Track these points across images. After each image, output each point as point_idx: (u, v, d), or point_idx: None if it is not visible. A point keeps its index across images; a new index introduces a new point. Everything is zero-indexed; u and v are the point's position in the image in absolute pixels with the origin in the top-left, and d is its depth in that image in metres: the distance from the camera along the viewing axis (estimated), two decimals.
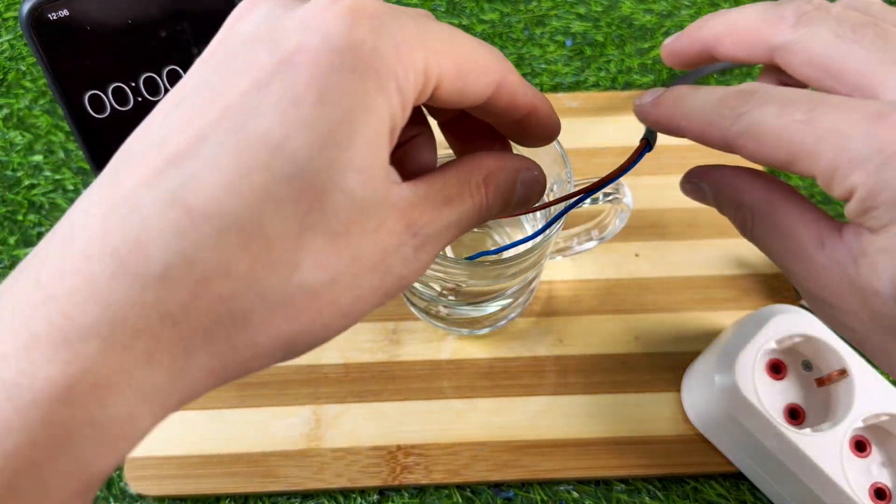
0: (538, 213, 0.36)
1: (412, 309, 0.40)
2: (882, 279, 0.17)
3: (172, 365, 0.15)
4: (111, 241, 0.15)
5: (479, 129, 0.22)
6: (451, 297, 0.36)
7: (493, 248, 0.38)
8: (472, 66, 0.18)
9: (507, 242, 0.38)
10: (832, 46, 0.19)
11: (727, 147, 0.19)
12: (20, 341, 0.14)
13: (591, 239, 0.38)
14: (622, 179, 0.35)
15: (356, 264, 0.16)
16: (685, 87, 0.21)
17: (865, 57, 0.18)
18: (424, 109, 0.22)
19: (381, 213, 0.17)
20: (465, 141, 0.23)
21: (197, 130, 0.15)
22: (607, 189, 0.34)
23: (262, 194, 0.15)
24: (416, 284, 0.36)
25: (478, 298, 0.36)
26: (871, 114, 0.17)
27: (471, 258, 0.31)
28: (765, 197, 0.20)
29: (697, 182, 0.22)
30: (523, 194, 0.21)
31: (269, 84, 0.15)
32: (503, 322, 0.39)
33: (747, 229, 0.21)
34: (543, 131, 0.21)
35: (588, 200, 0.35)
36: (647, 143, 0.22)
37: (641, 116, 0.22)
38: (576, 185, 0.33)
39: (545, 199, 0.36)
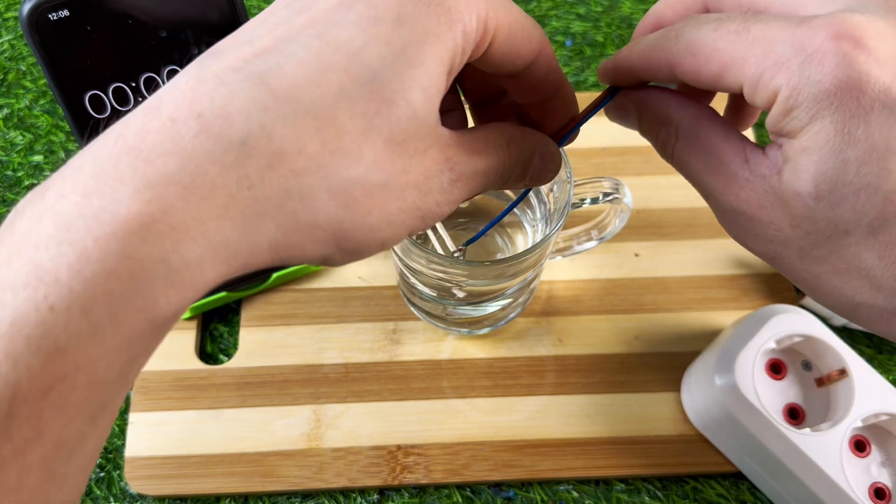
0: (538, 214, 0.36)
1: (412, 309, 0.40)
2: (802, 179, 0.18)
3: (243, 224, 0.16)
4: (197, 107, 0.16)
5: (506, 114, 0.24)
6: (451, 298, 0.36)
7: (497, 254, 0.38)
8: (520, 30, 0.20)
9: (510, 244, 0.38)
10: None
11: (670, 69, 0.20)
12: (102, 182, 0.15)
13: (590, 239, 0.38)
14: (622, 179, 0.35)
15: (405, 176, 0.18)
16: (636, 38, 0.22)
17: None
18: (460, 91, 0.24)
19: (430, 137, 0.18)
20: (489, 118, 0.25)
21: (283, 33, 0.17)
22: (607, 189, 0.34)
23: (337, 90, 0.17)
24: (418, 285, 0.36)
25: (478, 298, 0.36)
26: (795, 22, 0.18)
27: (469, 242, 0.31)
28: (693, 114, 0.21)
29: (624, 100, 0.23)
30: (541, 166, 0.23)
31: (352, 4, 0.17)
32: (503, 322, 0.39)
33: (669, 147, 0.22)
34: (565, 114, 0.23)
35: (588, 200, 0.35)
36: (613, 89, 0.23)
37: (603, 73, 0.23)
38: (575, 185, 0.33)
39: (546, 198, 0.36)
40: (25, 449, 0.15)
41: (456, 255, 0.34)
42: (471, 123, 0.26)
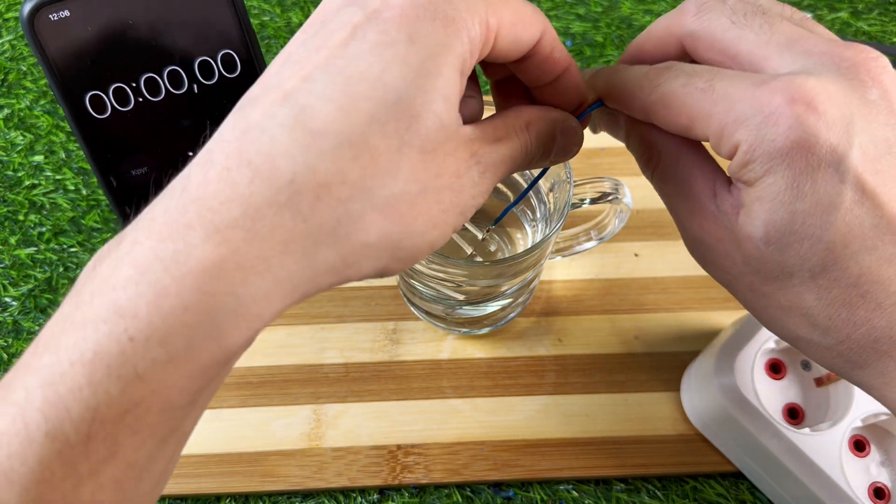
0: (538, 214, 0.36)
1: (412, 309, 0.40)
2: (755, 225, 0.20)
3: (303, 255, 0.18)
4: (246, 155, 0.18)
5: (524, 94, 0.25)
6: (452, 298, 0.36)
7: (500, 255, 0.39)
8: (520, 17, 0.21)
9: (509, 244, 0.38)
10: (729, 31, 0.22)
11: (645, 115, 0.23)
12: (174, 230, 0.17)
13: (590, 239, 0.38)
14: (622, 180, 0.35)
15: (439, 180, 0.20)
16: (620, 65, 0.24)
17: (755, 40, 0.21)
18: (479, 69, 0.25)
19: (456, 138, 0.20)
20: (511, 102, 0.26)
21: (307, 72, 0.18)
22: (607, 189, 0.34)
23: (367, 117, 0.18)
24: (419, 286, 0.36)
25: (478, 298, 0.36)
26: (756, 82, 0.20)
27: (495, 223, 0.31)
28: (676, 142, 0.23)
29: (615, 116, 0.25)
30: (563, 142, 0.24)
31: (364, 33, 0.19)
32: (504, 321, 0.39)
33: (650, 168, 0.24)
34: (574, 94, 0.24)
35: (588, 201, 0.35)
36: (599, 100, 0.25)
37: (591, 87, 0.25)
38: (575, 185, 0.33)
39: (546, 198, 0.36)
40: (100, 468, 0.16)
41: (482, 238, 0.36)
42: (488, 111, 0.26)
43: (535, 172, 0.32)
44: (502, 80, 0.26)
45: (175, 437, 0.18)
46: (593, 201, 0.35)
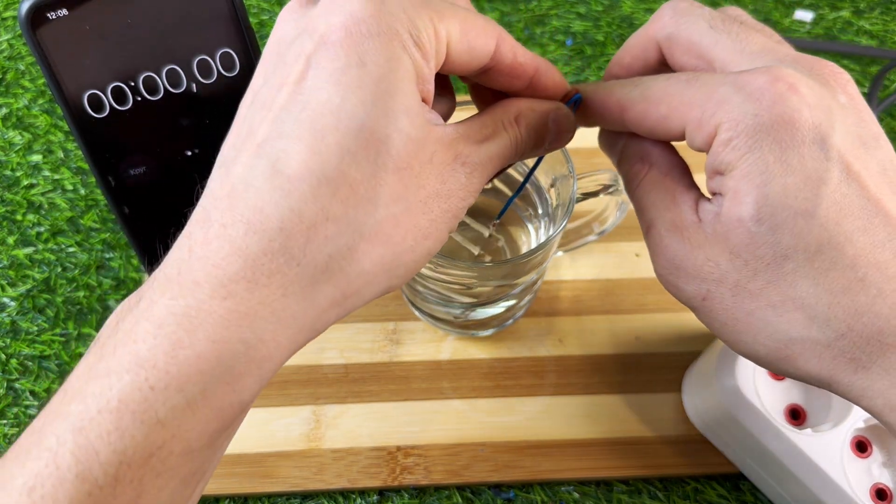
0: (540, 211, 0.36)
1: (416, 312, 0.40)
2: (744, 203, 0.20)
3: (303, 296, 0.19)
4: (238, 210, 0.19)
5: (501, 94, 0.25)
6: (458, 301, 0.36)
7: (502, 255, 0.38)
8: (472, 27, 0.21)
9: (512, 244, 0.38)
10: (706, 35, 0.22)
11: (621, 109, 0.23)
12: (185, 287, 0.18)
13: (591, 232, 0.38)
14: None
15: (423, 191, 0.20)
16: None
17: (731, 46, 0.22)
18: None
19: (430, 146, 0.20)
20: (490, 103, 0.25)
21: (274, 115, 0.19)
22: (606, 182, 0.34)
23: (337, 150, 0.19)
24: (425, 290, 0.36)
25: (485, 300, 0.36)
26: (736, 72, 0.21)
27: (500, 215, 0.31)
28: (670, 159, 0.24)
29: (616, 134, 0.25)
30: (556, 131, 0.24)
31: (318, 62, 0.19)
32: (509, 321, 0.39)
33: (639, 178, 0.24)
34: (554, 90, 0.24)
35: (589, 194, 0.35)
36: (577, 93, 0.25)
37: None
38: (578, 178, 0.33)
39: (547, 195, 0.36)
40: None
41: (489, 234, 0.36)
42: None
43: (531, 163, 0.31)
44: (476, 86, 0.25)
45: (195, 479, 0.19)
46: (594, 195, 0.35)
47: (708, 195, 0.22)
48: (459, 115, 0.25)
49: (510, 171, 0.35)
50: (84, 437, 0.17)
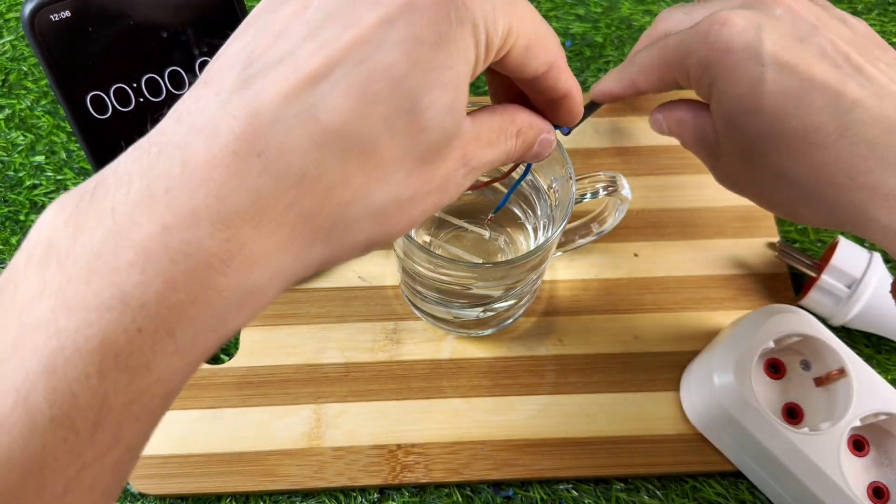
0: (539, 212, 0.36)
1: (416, 312, 0.40)
2: (717, 121, 0.28)
3: (299, 253, 0.18)
4: (259, 144, 0.17)
5: (512, 88, 0.25)
6: (458, 301, 0.36)
7: (501, 257, 0.39)
8: (538, 41, 0.21)
9: (511, 245, 0.38)
10: (686, 15, 0.31)
11: (634, 85, 0.30)
12: (180, 217, 0.16)
13: (590, 232, 0.38)
14: (617, 166, 0.36)
15: (429, 184, 0.20)
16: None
17: (701, 12, 0.29)
18: None
19: (453, 145, 0.20)
20: (502, 90, 0.26)
21: (329, 56, 0.17)
22: (605, 182, 0.35)
23: (381, 123, 0.18)
24: (425, 290, 0.36)
25: (484, 301, 0.36)
26: (690, 27, 0.27)
27: (495, 211, 0.33)
28: (691, 112, 0.30)
29: (657, 114, 0.32)
30: (537, 152, 0.25)
31: (395, 21, 0.18)
32: (509, 321, 0.39)
33: (680, 132, 0.31)
34: (567, 116, 0.25)
35: (588, 195, 0.35)
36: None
37: (599, 93, 0.32)
38: (576, 180, 0.33)
39: (546, 195, 0.36)
40: (104, 454, 0.16)
41: (489, 236, 0.37)
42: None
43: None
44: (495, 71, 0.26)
45: (161, 420, 0.18)
46: (593, 195, 0.35)
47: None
48: None
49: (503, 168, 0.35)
50: (59, 379, 0.15)
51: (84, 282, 0.16)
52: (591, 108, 0.32)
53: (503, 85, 0.25)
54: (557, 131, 0.26)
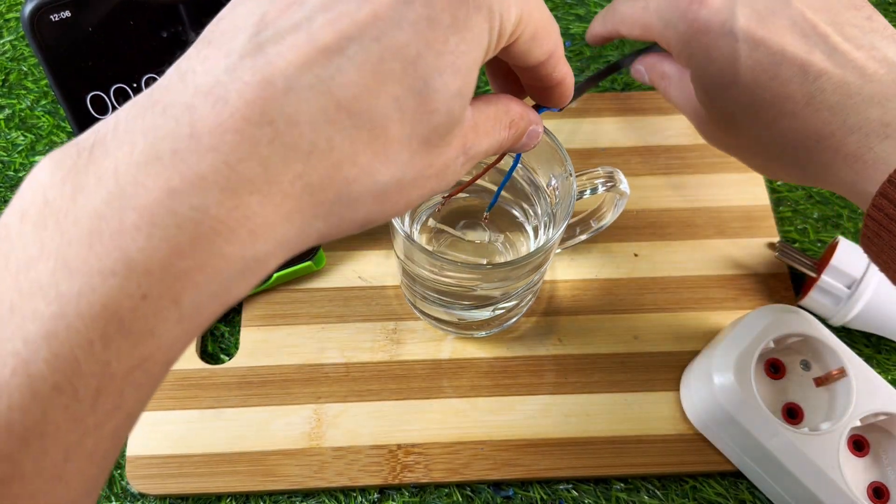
0: (539, 211, 0.36)
1: (418, 314, 0.40)
2: (697, 93, 0.31)
3: (302, 226, 0.18)
4: (270, 112, 0.16)
5: (510, 73, 0.26)
6: (461, 303, 0.36)
7: (500, 258, 0.39)
8: (543, 31, 0.21)
9: (511, 246, 0.38)
10: None
11: (616, 31, 0.35)
12: (188, 181, 0.16)
13: (589, 228, 0.38)
14: (617, 166, 0.36)
15: (430, 168, 0.20)
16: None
17: None
18: None
19: (456, 132, 0.20)
20: (501, 74, 0.26)
21: (344, 29, 0.17)
22: (603, 178, 0.35)
23: (392, 102, 0.18)
24: (426, 291, 0.36)
25: (486, 302, 0.36)
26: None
27: (489, 208, 0.34)
28: (675, 68, 0.34)
29: (638, 65, 0.36)
30: (525, 143, 0.25)
31: (412, 1, 0.17)
32: (511, 321, 0.39)
33: (665, 87, 0.35)
34: (559, 100, 0.25)
35: (587, 192, 0.35)
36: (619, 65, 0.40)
37: (590, 36, 0.38)
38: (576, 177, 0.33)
39: (546, 194, 0.36)
40: (105, 421, 0.16)
41: (489, 240, 0.37)
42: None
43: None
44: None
45: (160, 385, 0.18)
46: (592, 192, 0.35)
47: None
48: None
49: (502, 166, 0.35)
50: (61, 344, 0.15)
51: (86, 245, 0.15)
52: (578, 91, 0.35)
53: (501, 70, 0.26)
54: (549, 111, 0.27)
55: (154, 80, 0.33)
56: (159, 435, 0.37)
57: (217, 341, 0.40)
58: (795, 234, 0.44)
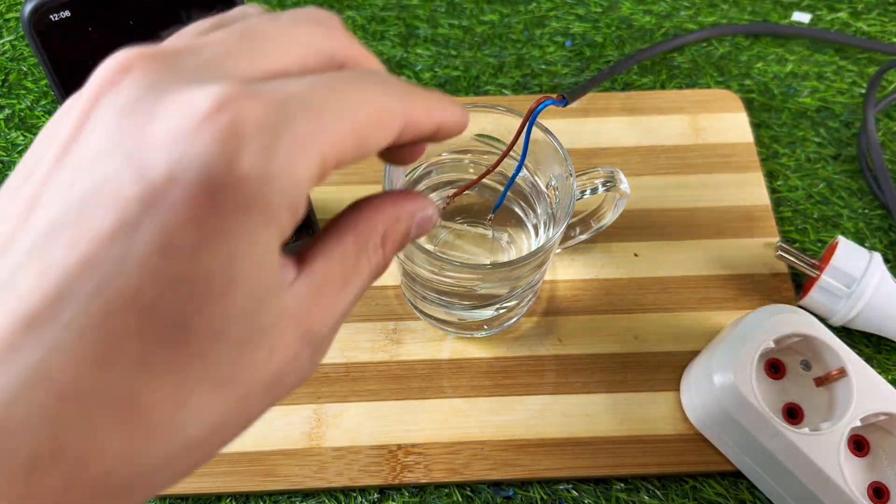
0: (539, 211, 0.36)
1: (418, 314, 0.40)
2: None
3: None
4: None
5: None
6: (462, 303, 0.36)
7: (503, 255, 0.39)
8: (372, 127, 0.16)
9: (511, 246, 0.39)
10: None
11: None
12: None
13: (589, 228, 0.38)
14: (617, 166, 0.36)
15: (246, 400, 0.15)
16: None
17: None
18: None
19: (272, 338, 0.15)
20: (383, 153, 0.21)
21: (55, 285, 0.13)
22: (603, 178, 0.35)
23: (135, 366, 0.13)
24: (427, 292, 0.36)
25: (487, 302, 0.36)
26: None
27: (494, 210, 0.32)
28: None
29: None
30: (416, 234, 0.19)
31: (136, 227, 0.13)
32: (511, 321, 0.39)
33: None
34: (449, 135, 0.19)
35: (587, 192, 0.35)
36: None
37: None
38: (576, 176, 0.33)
39: (546, 194, 0.36)
40: None
41: (492, 235, 0.36)
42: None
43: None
44: None
45: None
46: (592, 192, 0.35)
47: None
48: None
49: (502, 168, 0.35)
50: None
51: None
52: (579, 91, 0.33)
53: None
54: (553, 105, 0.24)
55: None
56: None
57: None
58: (795, 234, 0.44)
